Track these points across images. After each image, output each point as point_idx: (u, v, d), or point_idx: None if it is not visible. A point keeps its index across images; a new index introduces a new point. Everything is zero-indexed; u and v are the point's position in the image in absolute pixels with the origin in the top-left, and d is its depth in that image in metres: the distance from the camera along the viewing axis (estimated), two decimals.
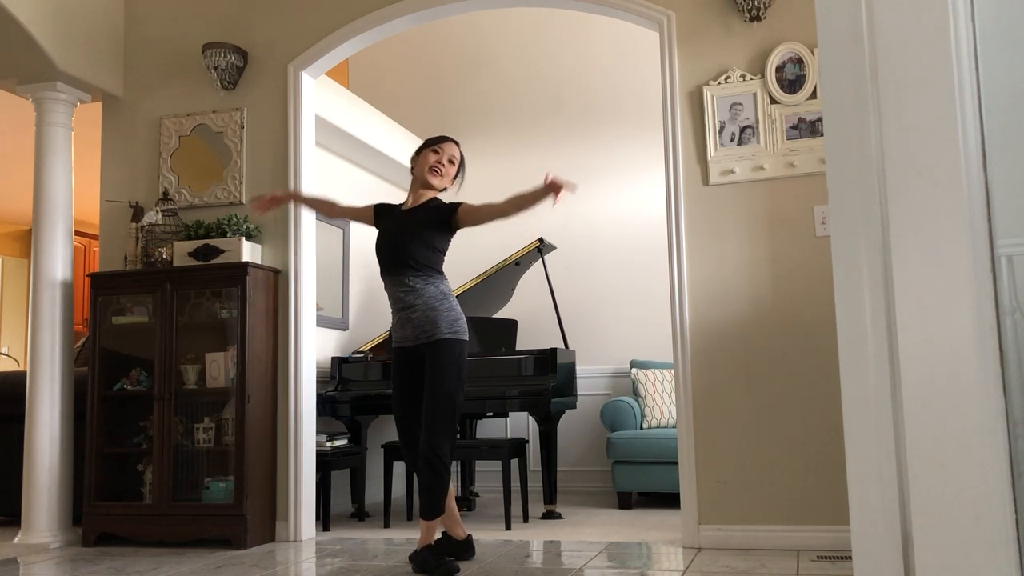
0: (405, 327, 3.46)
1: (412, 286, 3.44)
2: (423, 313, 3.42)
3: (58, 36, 4.19)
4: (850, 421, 1.44)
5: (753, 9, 3.76)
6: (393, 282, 3.48)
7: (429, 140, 3.68)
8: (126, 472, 4.25)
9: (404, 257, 3.46)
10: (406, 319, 3.45)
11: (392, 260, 3.49)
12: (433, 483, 3.34)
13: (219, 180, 4.41)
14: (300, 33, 4.40)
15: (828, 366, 3.45)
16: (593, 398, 5.76)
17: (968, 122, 1.36)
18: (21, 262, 8.52)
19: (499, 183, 6.30)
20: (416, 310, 3.43)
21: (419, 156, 3.65)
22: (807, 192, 3.69)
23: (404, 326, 3.46)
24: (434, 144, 3.63)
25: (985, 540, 1.29)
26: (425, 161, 3.59)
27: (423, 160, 3.61)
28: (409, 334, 3.45)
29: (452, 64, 6.57)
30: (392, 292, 3.49)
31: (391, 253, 3.50)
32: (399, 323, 3.48)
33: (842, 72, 1.48)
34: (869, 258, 1.43)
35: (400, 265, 3.46)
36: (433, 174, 3.58)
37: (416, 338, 3.43)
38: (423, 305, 3.43)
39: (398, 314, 3.48)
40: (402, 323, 3.47)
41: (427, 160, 3.59)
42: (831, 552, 3.40)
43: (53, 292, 4.26)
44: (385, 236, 3.57)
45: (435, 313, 3.41)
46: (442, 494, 3.36)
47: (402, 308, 3.45)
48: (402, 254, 3.46)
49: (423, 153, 3.63)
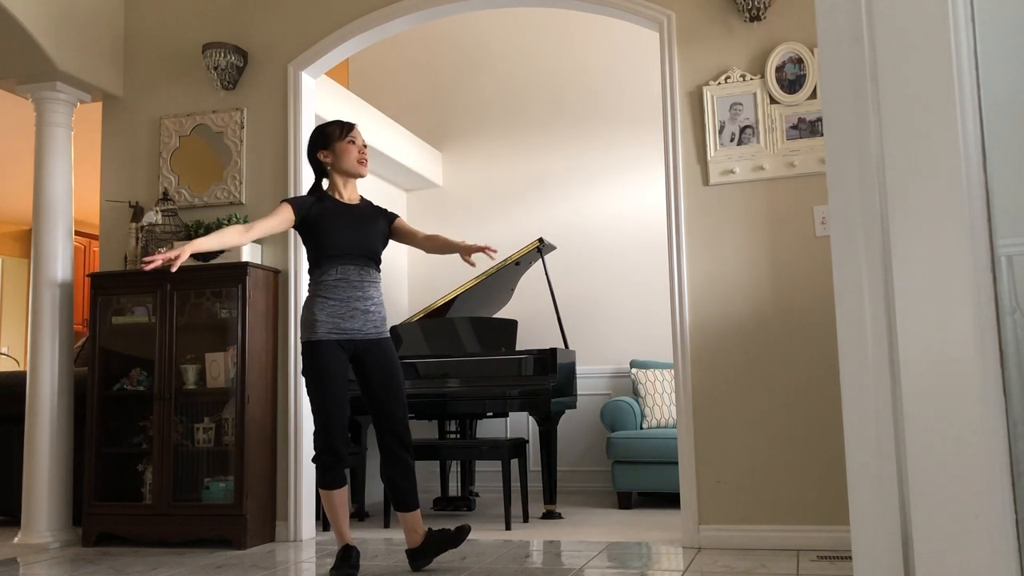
0: (355, 319, 3.31)
1: (374, 279, 3.40)
2: (377, 306, 3.39)
3: (58, 36, 4.19)
4: (850, 421, 1.44)
5: (753, 9, 3.76)
6: (356, 270, 3.34)
7: (335, 126, 3.46)
8: (126, 472, 4.25)
9: (369, 249, 3.40)
10: (360, 310, 3.32)
11: (356, 248, 3.36)
12: (413, 470, 3.39)
13: (219, 180, 4.41)
14: (300, 33, 4.40)
15: (828, 366, 3.45)
16: (593, 398, 5.76)
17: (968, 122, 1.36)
18: (21, 262, 8.53)
19: (499, 183, 6.34)
20: (372, 302, 3.37)
21: (332, 148, 3.42)
22: (807, 192, 3.69)
23: (353, 318, 3.30)
24: (347, 133, 3.44)
25: (985, 540, 1.29)
26: (347, 153, 3.42)
27: (344, 152, 3.42)
28: (358, 326, 3.32)
29: (452, 64, 6.57)
30: (347, 279, 3.32)
31: (355, 241, 3.36)
32: (345, 315, 3.29)
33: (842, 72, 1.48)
34: (869, 258, 1.43)
35: (365, 255, 3.38)
36: (363, 165, 3.45)
37: (365, 332, 3.33)
38: (378, 299, 3.40)
39: (348, 304, 3.30)
40: (351, 315, 3.30)
41: (349, 152, 3.42)
42: (831, 552, 3.40)
43: (53, 292, 4.26)
44: (341, 224, 3.37)
45: (383, 310, 3.43)
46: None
47: (357, 299, 3.32)
48: (367, 246, 3.39)
49: (338, 144, 3.42)
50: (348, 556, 3.31)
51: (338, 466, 3.29)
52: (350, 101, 5.46)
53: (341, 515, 3.33)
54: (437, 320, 5.20)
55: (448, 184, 6.45)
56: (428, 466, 5.52)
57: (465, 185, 6.40)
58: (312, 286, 3.37)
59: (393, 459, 3.36)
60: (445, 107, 6.54)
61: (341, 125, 3.47)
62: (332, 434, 3.27)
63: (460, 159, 6.47)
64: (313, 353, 3.30)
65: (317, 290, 3.33)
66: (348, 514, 3.37)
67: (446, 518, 4.80)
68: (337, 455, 3.28)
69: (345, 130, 3.45)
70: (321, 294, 3.31)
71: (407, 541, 3.40)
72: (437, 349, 5.05)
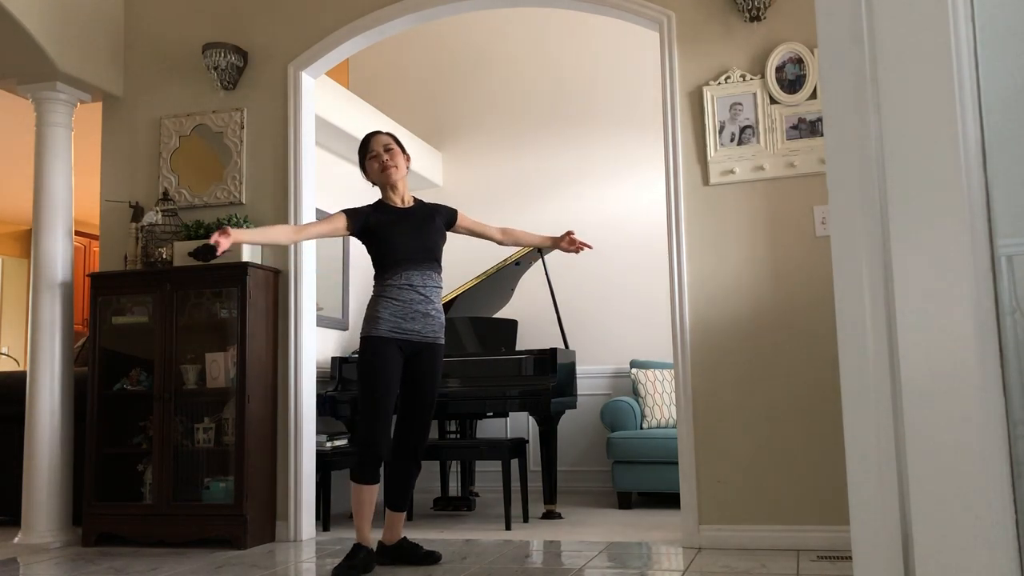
0: (416, 320, 3.39)
1: (436, 283, 3.47)
2: (438, 312, 3.47)
3: (58, 36, 4.19)
4: (850, 421, 1.44)
5: (753, 9, 3.76)
6: (419, 274, 3.40)
7: (361, 145, 3.58)
8: (126, 472, 4.25)
9: (431, 252, 3.47)
10: (421, 312, 3.39)
11: (420, 253, 3.43)
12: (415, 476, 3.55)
13: (219, 180, 4.41)
14: (300, 33, 4.40)
15: (828, 366, 3.45)
16: (593, 398, 5.76)
17: (968, 122, 1.35)
18: (21, 262, 8.52)
19: (499, 183, 6.34)
20: (434, 306, 3.44)
21: (363, 167, 3.57)
22: (807, 192, 3.69)
23: (415, 319, 3.38)
24: (367, 149, 3.54)
25: (985, 540, 1.29)
26: (371, 170, 3.53)
27: (369, 169, 3.53)
28: (418, 328, 3.39)
29: (452, 64, 6.57)
30: (411, 284, 3.38)
31: (417, 245, 3.44)
32: (407, 316, 3.37)
33: (842, 72, 1.48)
34: (869, 258, 1.43)
35: (428, 259, 3.45)
36: (389, 171, 3.48)
37: (424, 334, 3.41)
38: (438, 303, 3.48)
39: (411, 306, 3.37)
40: (412, 316, 3.37)
41: (372, 168, 3.52)
42: (831, 552, 3.40)
43: (53, 292, 4.26)
44: (402, 230, 3.45)
45: (443, 316, 3.52)
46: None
47: (420, 301, 3.39)
48: (429, 248, 3.46)
49: (365, 164, 3.54)
50: (356, 554, 3.35)
51: (376, 462, 3.36)
52: (350, 101, 5.46)
53: (367, 511, 3.39)
54: None
55: (448, 184, 6.45)
56: (428, 466, 5.51)
57: (465, 185, 6.40)
58: (377, 287, 3.45)
59: (404, 459, 3.46)
60: (445, 107, 6.54)
61: (364, 142, 3.58)
62: (376, 429, 3.34)
63: (460, 159, 6.47)
64: (372, 348, 3.37)
65: (382, 291, 3.42)
66: (372, 514, 3.42)
67: (446, 518, 4.80)
68: (378, 450, 3.35)
69: (364, 147, 3.56)
70: (386, 295, 3.40)
71: (383, 536, 3.53)
72: None
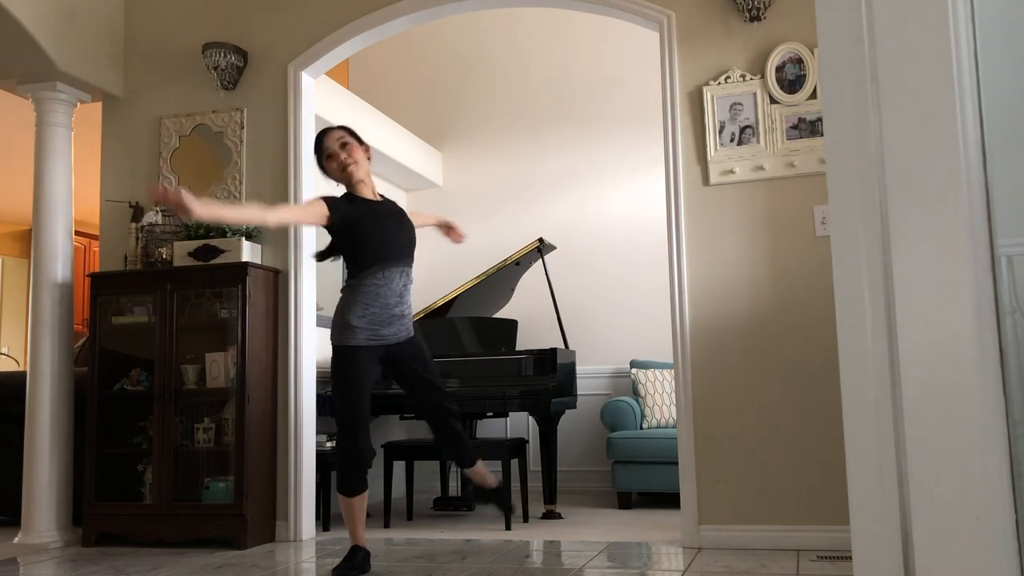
0: (392, 324, 3.28)
1: (411, 280, 3.38)
2: (409, 309, 3.38)
3: (58, 36, 4.19)
4: (850, 421, 1.44)
5: (753, 9, 3.76)
6: (399, 272, 3.30)
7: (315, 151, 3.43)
8: (126, 472, 4.25)
9: (408, 248, 3.38)
10: (397, 315, 3.30)
11: (404, 248, 3.34)
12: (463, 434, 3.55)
13: (219, 180, 4.41)
14: (300, 33, 4.40)
15: (828, 366, 3.45)
16: (593, 398, 5.76)
17: (968, 122, 1.35)
18: (21, 262, 8.52)
19: (499, 183, 6.34)
20: (406, 306, 3.35)
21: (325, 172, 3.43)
22: (807, 192, 3.69)
23: (391, 323, 3.28)
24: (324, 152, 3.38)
25: (985, 540, 1.29)
26: (331, 171, 3.40)
27: (329, 171, 3.40)
28: (393, 331, 3.29)
29: (452, 64, 6.57)
30: (388, 283, 3.27)
31: (403, 240, 3.35)
32: (384, 321, 3.26)
33: (842, 72, 1.47)
34: (869, 258, 1.43)
35: (409, 255, 3.37)
36: (348, 168, 3.34)
37: (398, 336, 3.32)
38: (409, 300, 3.39)
39: (387, 311, 3.26)
40: (389, 321, 3.27)
41: (331, 169, 3.39)
42: (831, 552, 3.40)
43: (53, 292, 4.26)
44: (386, 224, 3.32)
45: (411, 310, 3.44)
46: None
47: (395, 304, 3.29)
48: (404, 246, 3.36)
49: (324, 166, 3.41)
50: (354, 556, 3.33)
51: (361, 474, 3.32)
52: (350, 101, 5.46)
53: (358, 519, 3.35)
54: (437, 320, 5.20)
55: (448, 184, 6.45)
56: (428, 466, 5.52)
57: (465, 185, 6.40)
58: (350, 290, 3.29)
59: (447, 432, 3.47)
60: (445, 107, 6.54)
61: (317, 142, 3.42)
62: (358, 438, 3.27)
63: (460, 159, 6.47)
64: (348, 358, 3.26)
65: (356, 295, 3.26)
66: (365, 517, 3.39)
67: (446, 518, 4.80)
68: (362, 459, 3.30)
69: (319, 147, 3.40)
70: (362, 300, 3.25)
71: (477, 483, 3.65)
72: (437, 349, 5.04)
